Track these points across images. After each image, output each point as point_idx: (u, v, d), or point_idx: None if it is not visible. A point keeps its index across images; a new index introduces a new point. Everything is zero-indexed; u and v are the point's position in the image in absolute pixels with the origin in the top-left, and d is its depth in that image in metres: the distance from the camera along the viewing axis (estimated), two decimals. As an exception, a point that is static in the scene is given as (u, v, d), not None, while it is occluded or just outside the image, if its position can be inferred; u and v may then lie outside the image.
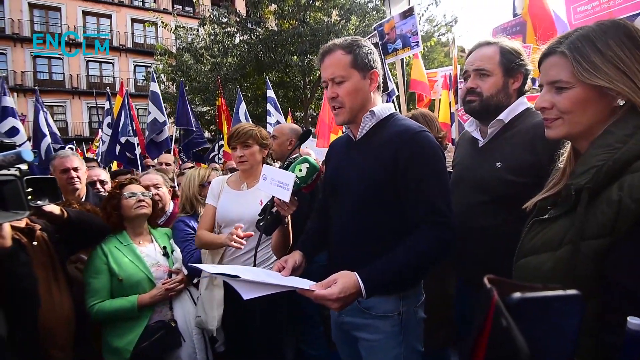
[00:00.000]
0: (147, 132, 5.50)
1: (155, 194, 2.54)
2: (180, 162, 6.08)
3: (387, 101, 3.97)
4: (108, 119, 6.07)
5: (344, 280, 1.13)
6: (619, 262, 0.75)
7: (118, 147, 5.44)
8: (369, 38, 4.07)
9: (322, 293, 1.10)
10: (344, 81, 1.33)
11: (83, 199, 2.61)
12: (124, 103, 5.55)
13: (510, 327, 0.27)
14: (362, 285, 1.14)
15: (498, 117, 1.50)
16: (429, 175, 1.24)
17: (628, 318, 0.59)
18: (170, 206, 2.77)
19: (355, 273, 1.16)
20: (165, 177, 2.78)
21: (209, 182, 2.38)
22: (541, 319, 0.30)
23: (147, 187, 2.45)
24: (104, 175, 3.21)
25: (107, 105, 6.21)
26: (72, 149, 6.96)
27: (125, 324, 1.90)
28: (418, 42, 3.81)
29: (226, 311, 2.03)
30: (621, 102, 0.85)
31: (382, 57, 3.98)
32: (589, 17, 2.35)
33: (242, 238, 1.80)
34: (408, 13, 3.84)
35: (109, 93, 6.41)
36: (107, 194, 2.15)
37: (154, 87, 5.84)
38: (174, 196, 3.00)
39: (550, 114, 0.94)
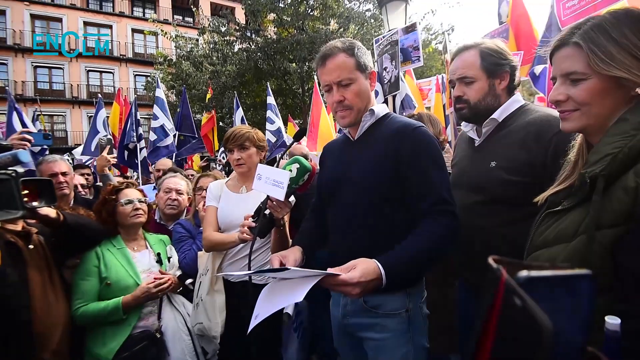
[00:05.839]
0: (153, 137, 5.60)
1: (175, 200, 2.60)
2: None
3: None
4: (104, 117, 6.21)
5: (363, 266, 1.09)
6: (635, 249, 0.72)
7: (126, 153, 5.80)
8: (377, 46, 4.39)
9: (342, 277, 1.05)
10: (351, 84, 1.35)
11: (71, 204, 2.60)
12: (131, 111, 5.73)
13: (526, 303, 0.26)
14: (382, 271, 1.10)
15: (492, 117, 1.49)
16: (432, 167, 1.27)
17: (606, 318, 0.56)
18: (183, 214, 2.71)
19: (375, 260, 1.13)
20: (188, 183, 2.78)
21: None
22: (550, 300, 0.29)
23: (170, 191, 2.60)
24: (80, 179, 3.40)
25: (101, 107, 6.28)
26: (72, 159, 6.90)
27: (109, 331, 1.82)
28: (419, 56, 4.05)
29: (226, 318, 1.97)
30: (639, 91, 0.82)
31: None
32: (576, 12, 2.42)
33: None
34: (410, 28, 4.12)
35: (101, 99, 6.45)
36: (100, 197, 2.12)
37: (159, 93, 5.90)
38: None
39: (567, 106, 0.91)
